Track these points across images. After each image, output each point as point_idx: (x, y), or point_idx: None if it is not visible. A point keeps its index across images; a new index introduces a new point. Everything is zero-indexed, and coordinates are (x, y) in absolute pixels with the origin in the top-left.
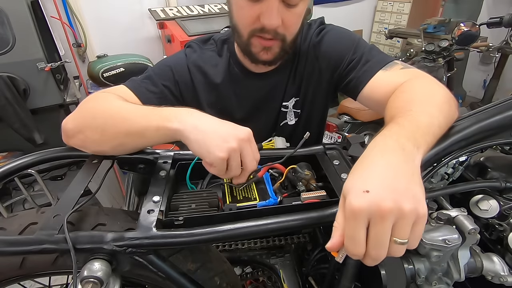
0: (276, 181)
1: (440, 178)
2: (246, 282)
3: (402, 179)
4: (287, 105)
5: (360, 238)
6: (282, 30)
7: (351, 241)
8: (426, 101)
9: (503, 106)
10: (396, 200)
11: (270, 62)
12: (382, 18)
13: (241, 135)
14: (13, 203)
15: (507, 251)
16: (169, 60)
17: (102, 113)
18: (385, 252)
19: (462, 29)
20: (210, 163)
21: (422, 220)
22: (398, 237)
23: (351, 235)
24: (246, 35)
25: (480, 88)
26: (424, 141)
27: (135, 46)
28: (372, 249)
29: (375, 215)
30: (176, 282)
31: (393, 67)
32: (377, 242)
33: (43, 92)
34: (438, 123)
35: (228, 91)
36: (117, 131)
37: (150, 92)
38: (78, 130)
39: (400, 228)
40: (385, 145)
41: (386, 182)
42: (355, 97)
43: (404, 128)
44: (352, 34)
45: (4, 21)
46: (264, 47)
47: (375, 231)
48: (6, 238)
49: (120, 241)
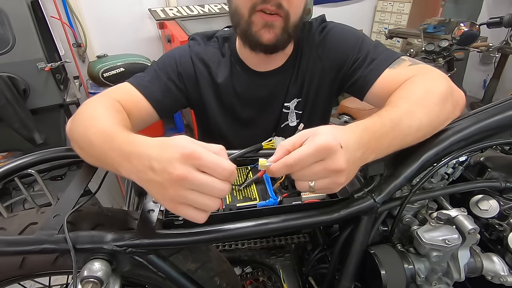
0: (276, 181)
1: (440, 178)
2: (246, 282)
3: (354, 154)
4: (289, 106)
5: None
6: (286, 5)
7: (300, 162)
8: (415, 101)
9: (503, 106)
10: (348, 164)
11: (272, 45)
12: (382, 18)
13: (172, 161)
14: (13, 203)
15: (507, 251)
16: (172, 52)
17: (81, 130)
18: (304, 185)
19: (462, 29)
20: None
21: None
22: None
23: (303, 159)
24: (247, 12)
25: (480, 88)
26: (384, 146)
27: (135, 46)
28: (300, 175)
29: (328, 160)
30: (176, 282)
31: (401, 64)
32: (309, 174)
33: (43, 92)
34: (418, 125)
35: (229, 90)
36: (88, 154)
37: (154, 87)
38: (70, 137)
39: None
40: (354, 130)
41: (349, 149)
42: (362, 97)
43: (374, 125)
44: (356, 32)
45: (4, 21)
46: (266, 23)
47: (318, 168)
48: (6, 238)
49: (120, 241)
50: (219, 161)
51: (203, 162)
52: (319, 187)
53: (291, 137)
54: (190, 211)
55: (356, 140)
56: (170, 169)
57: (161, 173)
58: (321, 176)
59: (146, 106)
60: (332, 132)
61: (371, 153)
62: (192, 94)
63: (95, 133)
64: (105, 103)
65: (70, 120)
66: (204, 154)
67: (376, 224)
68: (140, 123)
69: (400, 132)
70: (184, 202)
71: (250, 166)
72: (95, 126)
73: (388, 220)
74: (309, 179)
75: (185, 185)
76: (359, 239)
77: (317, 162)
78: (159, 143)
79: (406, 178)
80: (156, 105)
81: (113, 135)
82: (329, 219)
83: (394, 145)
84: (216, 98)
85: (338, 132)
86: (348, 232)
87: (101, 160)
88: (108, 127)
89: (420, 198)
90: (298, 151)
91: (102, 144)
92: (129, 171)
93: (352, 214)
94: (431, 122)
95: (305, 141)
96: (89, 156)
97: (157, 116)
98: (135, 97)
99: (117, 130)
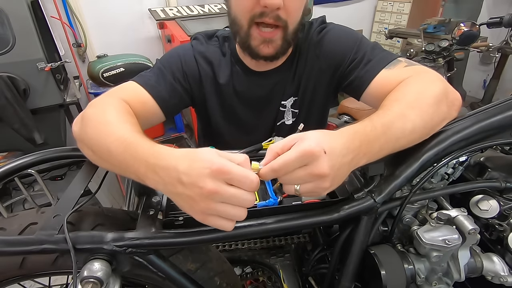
0: (276, 181)
1: (440, 178)
2: (246, 282)
3: (340, 159)
4: (285, 104)
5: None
6: (284, 15)
7: (284, 167)
8: (408, 103)
9: (503, 106)
10: (332, 170)
11: (272, 57)
12: (382, 18)
13: (202, 176)
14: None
15: (507, 251)
16: (176, 51)
17: (95, 135)
18: (290, 188)
19: (462, 29)
20: None
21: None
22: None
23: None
24: (246, 24)
25: (480, 88)
26: (376, 149)
27: (135, 46)
28: (286, 179)
29: (311, 165)
30: (176, 282)
31: (397, 65)
32: (293, 178)
33: (43, 92)
34: (412, 127)
35: (230, 90)
36: (104, 160)
37: (160, 86)
38: (79, 139)
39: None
40: (343, 135)
41: (334, 154)
42: (358, 97)
43: (365, 129)
44: (354, 33)
45: (4, 21)
46: (264, 40)
47: (302, 173)
48: (6, 238)
49: (120, 241)
50: (247, 174)
51: (232, 176)
52: (304, 191)
53: (281, 140)
54: (220, 221)
55: (345, 144)
56: (201, 184)
57: (191, 188)
58: (305, 181)
59: (153, 106)
60: (317, 137)
61: (363, 157)
62: (195, 93)
63: (114, 141)
64: (116, 105)
65: (79, 121)
66: (233, 168)
67: (376, 224)
68: (147, 123)
69: (392, 135)
70: (214, 214)
71: None
72: (113, 134)
73: (388, 220)
74: (294, 183)
75: (216, 198)
76: (359, 239)
77: (301, 167)
78: (186, 155)
79: (406, 178)
80: (163, 105)
81: (136, 145)
82: (329, 219)
83: (386, 148)
84: (217, 97)
85: (323, 138)
86: (348, 232)
87: (122, 169)
88: (128, 136)
89: (420, 198)
90: (283, 156)
91: (123, 153)
92: (156, 182)
93: (352, 214)
94: (426, 123)
95: (294, 144)
96: (106, 162)
97: (163, 116)
98: (142, 97)
99: (137, 138)
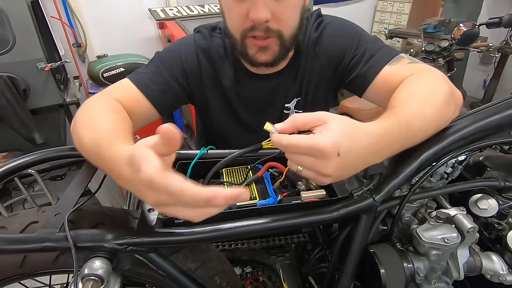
0: (276, 180)
1: (439, 177)
2: (246, 282)
3: (352, 161)
4: (289, 107)
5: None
6: (276, 26)
7: (292, 148)
8: (425, 101)
9: (502, 105)
10: (337, 172)
11: (271, 63)
12: (382, 18)
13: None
14: (13, 203)
15: (506, 250)
16: (178, 46)
17: (78, 133)
18: (293, 166)
19: (462, 29)
20: None
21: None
22: None
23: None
24: (239, 38)
25: (480, 88)
26: (396, 148)
27: (135, 46)
28: (291, 157)
29: (318, 160)
30: (177, 280)
31: (400, 61)
32: (298, 160)
33: (43, 92)
34: (428, 126)
35: (233, 93)
36: (93, 160)
37: (154, 84)
38: (72, 138)
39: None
40: (370, 135)
41: (348, 157)
42: (361, 94)
43: (393, 128)
44: (353, 26)
45: (4, 21)
46: (260, 48)
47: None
48: (7, 236)
49: (120, 240)
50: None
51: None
52: (305, 175)
53: (307, 115)
54: None
55: (367, 147)
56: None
57: (136, 192)
58: (308, 168)
59: (146, 105)
60: (338, 136)
61: (379, 157)
62: (195, 91)
63: (88, 142)
64: (104, 104)
65: (73, 120)
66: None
67: (375, 223)
68: (142, 120)
69: (411, 133)
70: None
71: (250, 165)
72: (90, 134)
73: (388, 219)
74: (298, 164)
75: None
76: (358, 238)
77: (308, 156)
78: (129, 161)
79: (406, 177)
80: (156, 103)
81: (101, 147)
82: (328, 218)
83: (404, 146)
84: (220, 99)
85: (345, 138)
86: (347, 231)
87: (104, 170)
88: (101, 135)
89: (419, 197)
90: (296, 138)
91: (93, 154)
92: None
93: (351, 213)
94: (438, 122)
95: (316, 127)
96: (94, 162)
97: (157, 114)
98: (135, 95)
99: (108, 140)
